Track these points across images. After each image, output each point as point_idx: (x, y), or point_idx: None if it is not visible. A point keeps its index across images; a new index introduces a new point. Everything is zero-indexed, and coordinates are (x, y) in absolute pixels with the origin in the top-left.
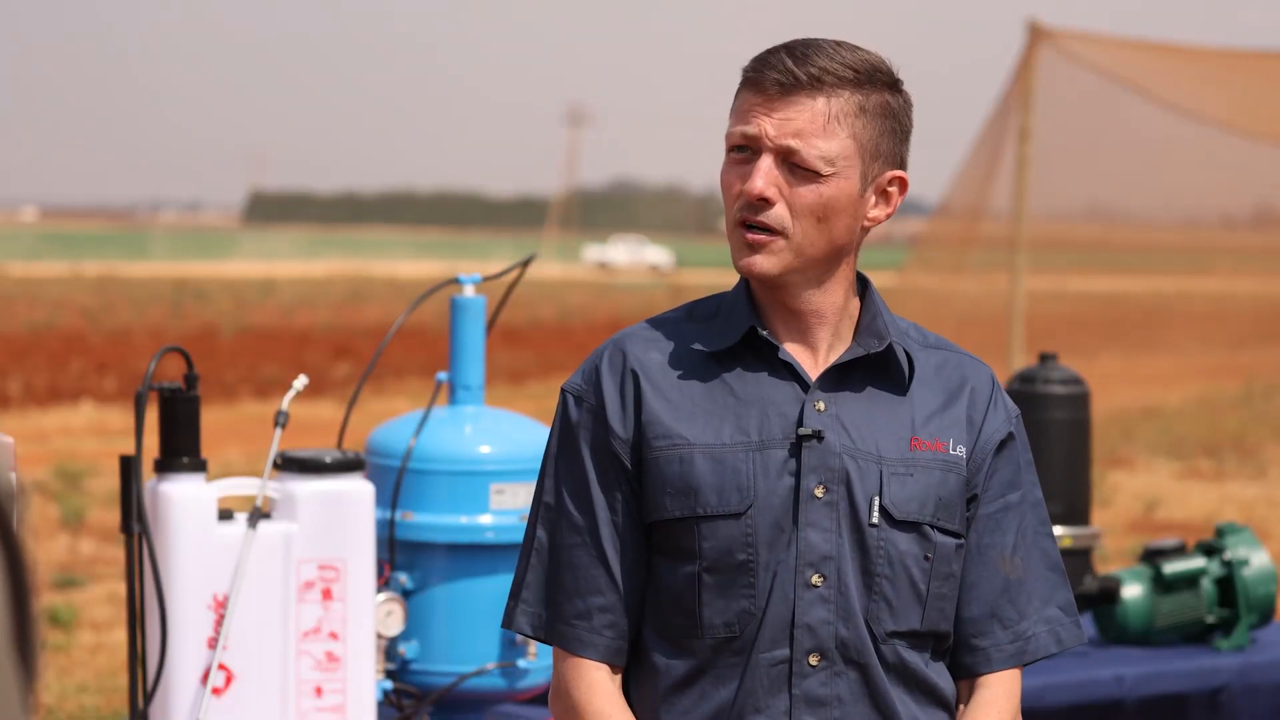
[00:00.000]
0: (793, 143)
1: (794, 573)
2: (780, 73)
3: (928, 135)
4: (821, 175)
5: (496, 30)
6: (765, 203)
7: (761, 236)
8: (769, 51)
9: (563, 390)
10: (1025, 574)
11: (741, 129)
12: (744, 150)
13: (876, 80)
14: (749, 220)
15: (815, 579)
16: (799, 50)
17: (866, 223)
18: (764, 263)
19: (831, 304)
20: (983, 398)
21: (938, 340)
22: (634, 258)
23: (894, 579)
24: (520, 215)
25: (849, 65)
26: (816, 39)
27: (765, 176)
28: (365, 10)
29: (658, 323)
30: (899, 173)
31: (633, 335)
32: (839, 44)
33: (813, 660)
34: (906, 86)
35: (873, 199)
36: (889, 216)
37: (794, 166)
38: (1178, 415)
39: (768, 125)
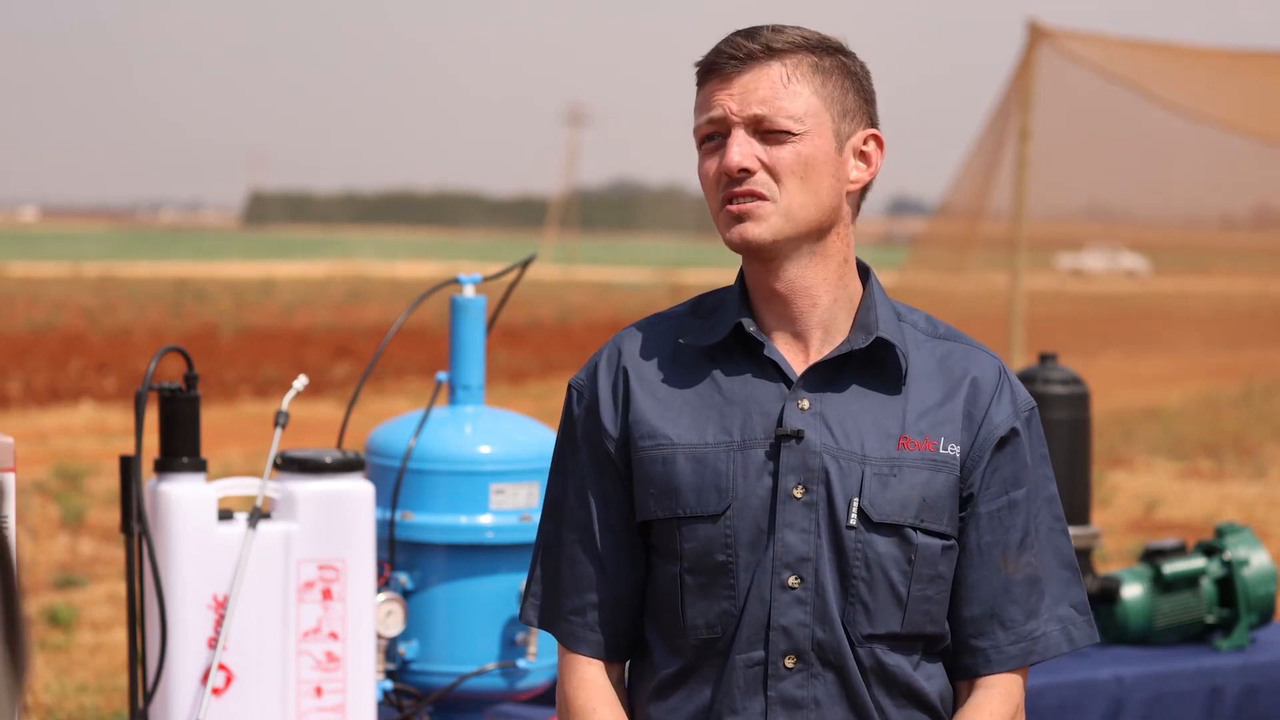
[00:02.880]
0: (759, 109)
1: (770, 574)
2: (733, 48)
3: (928, 135)
4: (794, 134)
5: (497, 31)
6: (746, 173)
7: (748, 204)
8: (719, 43)
9: (569, 385)
10: (1037, 571)
11: (707, 116)
12: (714, 138)
13: (827, 46)
14: (733, 194)
15: (792, 580)
16: (745, 31)
17: (851, 185)
18: (754, 229)
19: (823, 280)
20: (986, 392)
21: (948, 331)
22: (1110, 264)
23: (871, 582)
24: (520, 215)
25: (798, 34)
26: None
27: (740, 148)
28: (365, 11)
29: (661, 318)
30: (873, 131)
31: (633, 332)
32: (784, 25)
33: (788, 662)
34: (907, 85)
35: (851, 160)
36: (873, 177)
37: (766, 132)
38: (1178, 415)
39: (730, 102)
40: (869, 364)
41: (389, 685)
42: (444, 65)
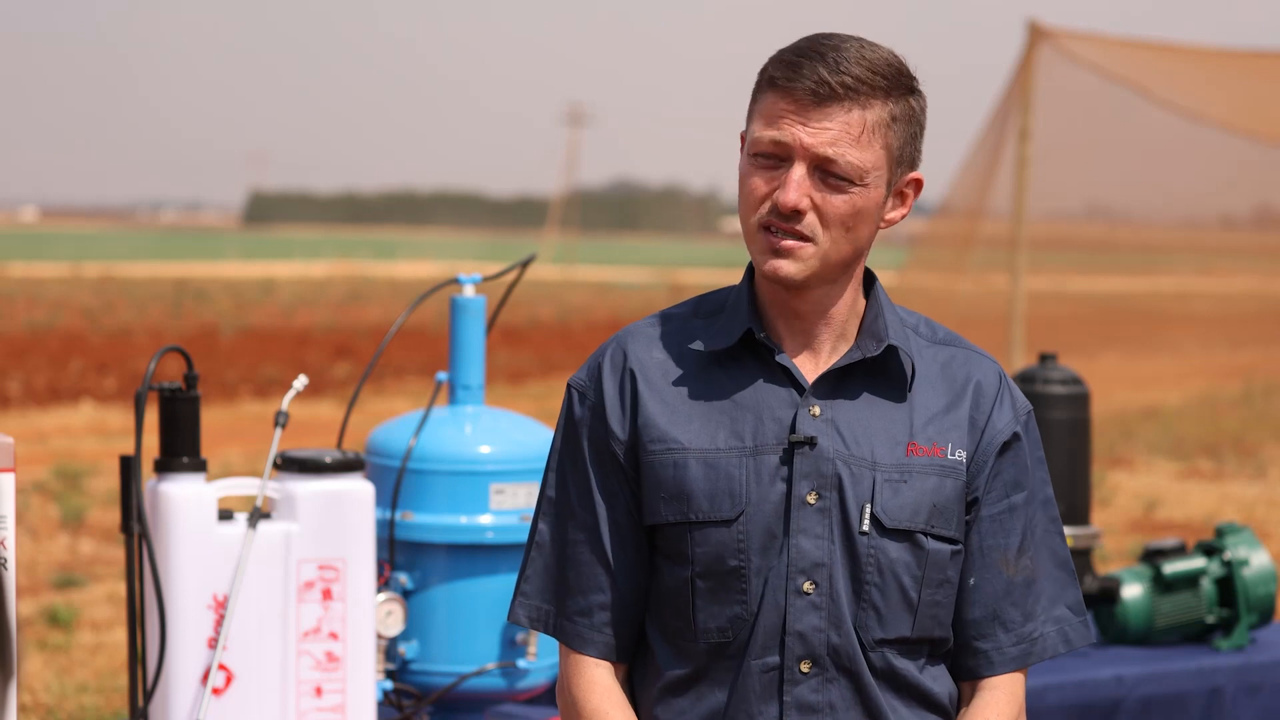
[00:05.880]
0: (829, 152)
1: (785, 579)
2: (815, 82)
3: (929, 135)
4: (854, 185)
5: (497, 32)
6: (797, 214)
7: (791, 243)
8: (798, 55)
9: (568, 385)
10: (1034, 573)
11: (773, 136)
12: (772, 156)
13: (902, 85)
14: (777, 226)
15: (807, 586)
16: (830, 56)
17: (883, 224)
18: (790, 268)
19: (841, 303)
20: (988, 396)
21: (947, 335)
22: None
23: (883, 587)
24: (520, 215)
25: (878, 72)
26: (838, 38)
27: (799, 188)
28: (366, 13)
29: (663, 318)
30: (916, 175)
31: (636, 333)
32: (862, 45)
33: (804, 667)
34: None
35: (891, 201)
36: (904, 217)
37: (827, 175)
38: (1178, 415)
39: (803, 135)
40: (876, 371)
41: (389, 685)
42: (444, 66)
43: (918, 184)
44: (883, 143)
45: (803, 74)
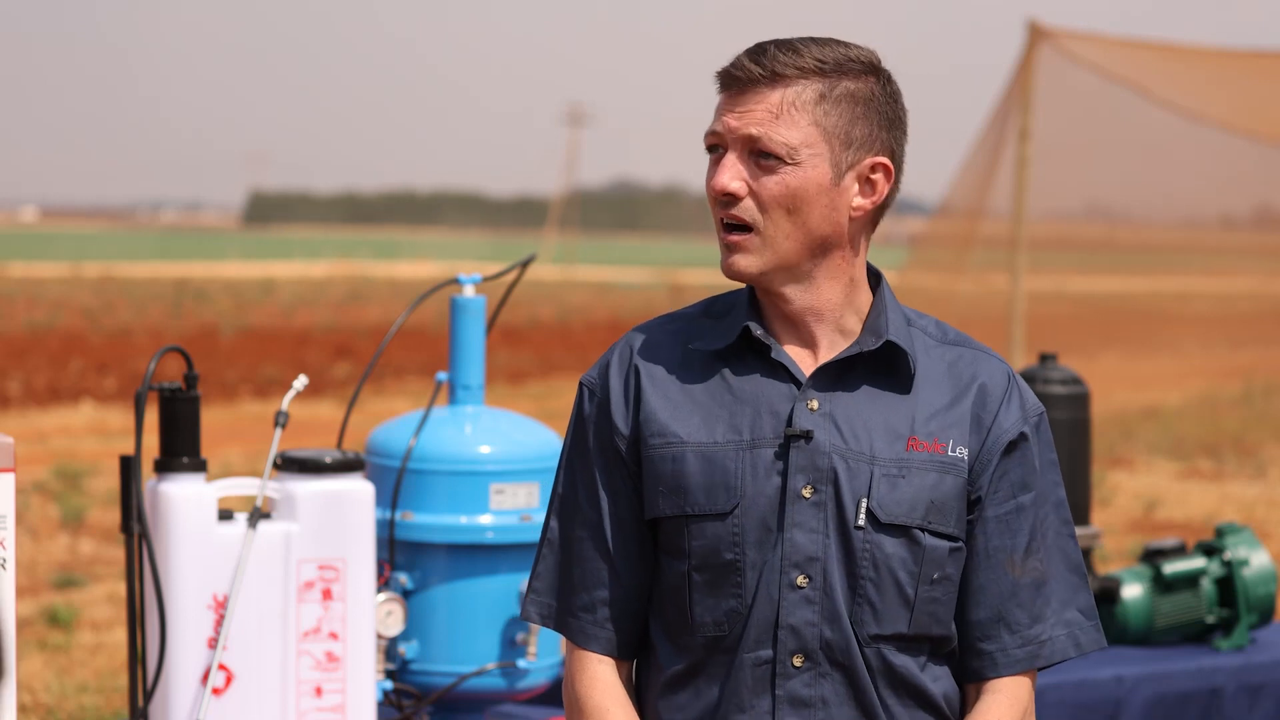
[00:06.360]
0: (753, 131)
1: (779, 573)
2: (739, 70)
3: (928, 135)
4: (785, 162)
5: (496, 32)
6: (733, 198)
7: (737, 236)
8: (739, 53)
9: (580, 382)
10: (1045, 575)
11: (711, 127)
12: (716, 149)
13: (847, 69)
14: (724, 218)
15: (800, 580)
16: (761, 47)
17: (853, 212)
18: (742, 262)
19: (827, 301)
20: (995, 396)
21: (958, 336)
22: None
23: (879, 582)
24: (520, 215)
25: (815, 57)
26: (793, 38)
27: (730, 171)
28: (366, 13)
29: (672, 319)
30: (880, 159)
31: (645, 331)
32: (815, 40)
33: (796, 661)
34: (907, 85)
35: (855, 187)
36: (876, 205)
37: (758, 157)
38: (1178, 415)
39: (730, 120)
40: (878, 366)
41: (389, 685)
42: (444, 66)
43: (886, 170)
44: (810, 119)
45: (732, 66)
